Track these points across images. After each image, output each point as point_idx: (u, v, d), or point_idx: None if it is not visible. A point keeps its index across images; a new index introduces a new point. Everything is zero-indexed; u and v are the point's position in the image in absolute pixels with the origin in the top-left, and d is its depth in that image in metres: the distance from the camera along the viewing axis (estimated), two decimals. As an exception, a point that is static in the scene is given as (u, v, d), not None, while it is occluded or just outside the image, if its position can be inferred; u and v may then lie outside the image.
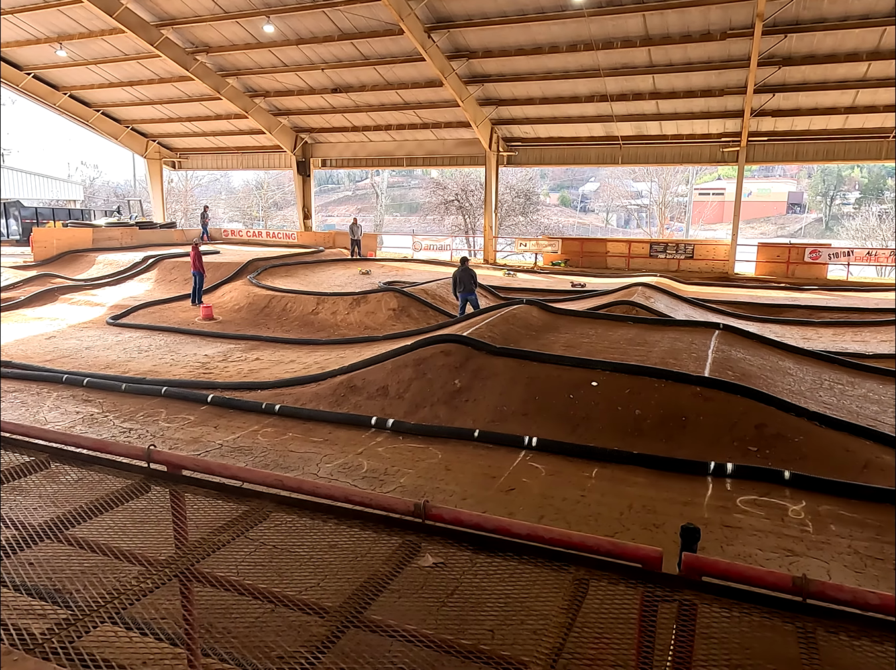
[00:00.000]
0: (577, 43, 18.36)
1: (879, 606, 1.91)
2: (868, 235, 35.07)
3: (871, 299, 17.22)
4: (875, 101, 18.81)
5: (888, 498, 5.30)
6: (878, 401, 8.35)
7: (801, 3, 15.59)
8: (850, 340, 13.03)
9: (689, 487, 5.68)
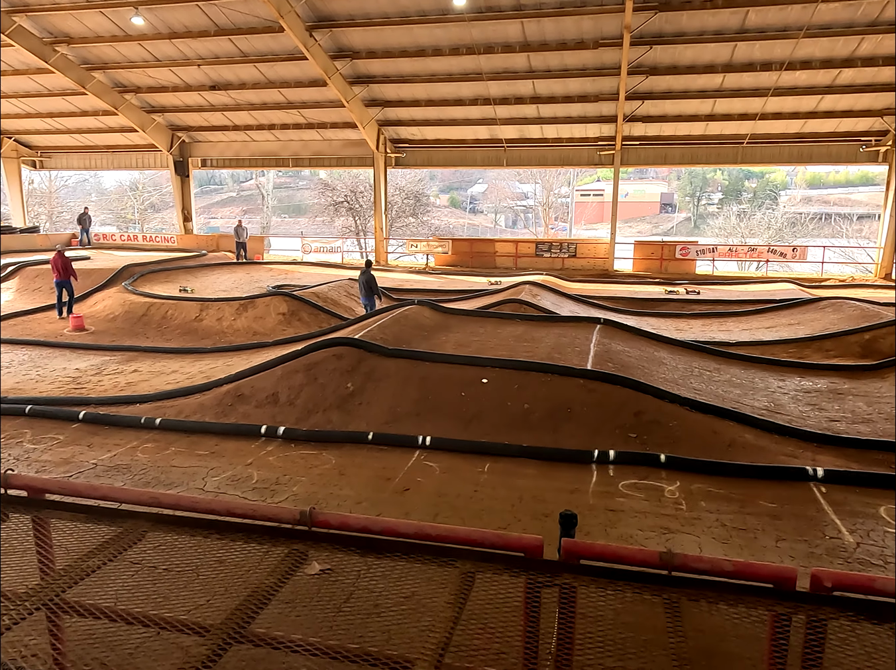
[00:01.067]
0: (460, 47, 18.70)
1: (733, 572, 2.09)
2: (729, 233, 38.17)
3: (734, 291, 18.76)
4: (730, 110, 20.53)
5: (749, 473, 5.80)
6: (740, 385, 9.12)
7: (664, 17, 16.72)
8: (716, 330, 14.13)
9: (575, 475, 5.95)
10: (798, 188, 62.36)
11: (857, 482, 5.63)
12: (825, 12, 15.91)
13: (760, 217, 40.01)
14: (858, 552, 4.54)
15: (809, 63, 18.01)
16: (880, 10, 15.81)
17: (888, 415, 8.01)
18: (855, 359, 10.83)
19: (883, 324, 11.69)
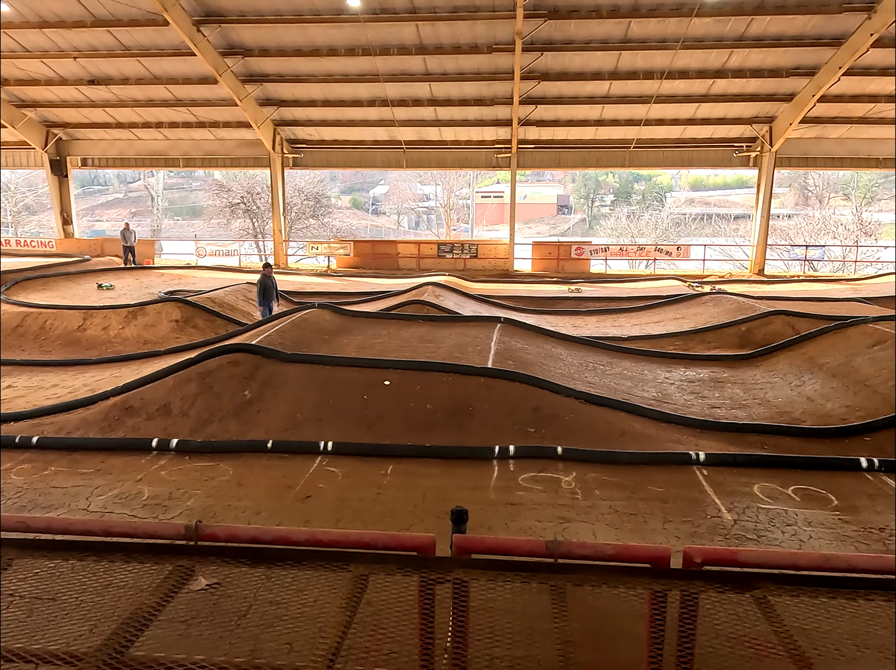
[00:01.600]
0: (356, 47, 18.57)
1: (614, 555, 2.20)
2: (621, 233, 40.10)
3: (626, 289, 19.70)
4: (617, 116, 21.58)
5: (639, 460, 6.12)
6: (631, 377, 9.61)
7: (553, 25, 17.34)
8: (610, 326, 14.79)
9: (477, 472, 6.05)
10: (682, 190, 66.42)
11: (734, 464, 6.07)
12: (698, 26, 17.05)
13: (648, 218, 42.32)
14: (736, 528, 4.90)
15: (686, 73, 19.23)
16: (746, 26, 17.13)
17: (762, 400, 8.70)
18: (733, 349, 11.66)
19: (757, 316, 12.67)
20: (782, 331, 11.92)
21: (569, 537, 4.74)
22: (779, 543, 4.61)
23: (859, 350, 9.33)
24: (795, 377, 9.33)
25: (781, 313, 12.53)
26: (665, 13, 16.69)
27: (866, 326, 10.09)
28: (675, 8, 16.55)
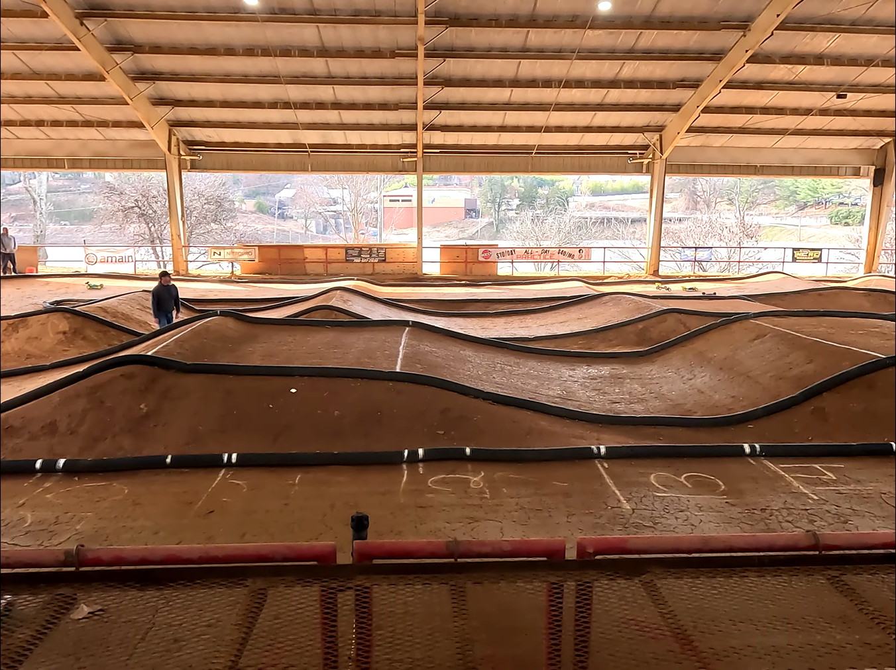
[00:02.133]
0: (255, 47, 18.10)
1: (512, 551, 2.25)
2: (526, 236, 41.20)
3: (531, 290, 20.24)
4: (519, 122, 22.17)
5: (544, 456, 6.30)
6: (538, 377, 9.88)
7: (454, 32, 17.60)
8: (517, 327, 15.14)
9: (387, 477, 6.03)
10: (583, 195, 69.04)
11: (632, 455, 6.37)
12: (592, 38, 17.81)
13: (552, 221, 43.73)
14: (634, 517, 5.13)
15: (582, 82, 20.04)
16: (635, 39, 18.05)
17: (658, 394, 9.17)
18: (632, 346, 12.23)
19: (652, 314, 13.36)
20: (675, 328, 12.62)
21: (477, 536, 4.81)
22: (672, 529, 4.88)
23: (742, 344, 10.03)
24: (687, 371, 9.91)
25: (674, 311, 13.27)
26: (561, 24, 17.32)
27: (748, 322, 10.86)
28: (569, 20, 17.20)
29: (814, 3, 16.42)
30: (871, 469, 6.19)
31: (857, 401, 7.45)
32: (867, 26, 17.49)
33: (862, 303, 17.24)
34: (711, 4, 16.79)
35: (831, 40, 18.16)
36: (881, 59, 18.81)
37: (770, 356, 9.25)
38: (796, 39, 18.14)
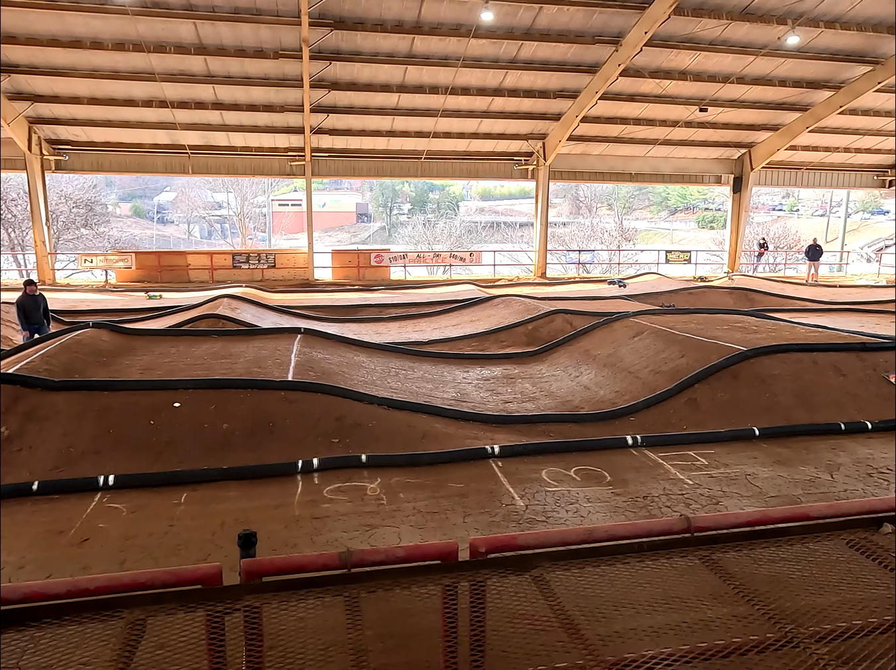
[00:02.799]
0: (125, 42, 17.05)
1: (406, 557, 2.25)
2: (418, 240, 41.50)
3: (425, 294, 20.41)
4: (408, 128, 22.30)
5: (440, 459, 6.36)
6: (432, 380, 9.96)
7: (340, 35, 17.43)
8: (412, 331, 15.19)
9: (281, 490, 5.85)
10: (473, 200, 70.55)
11: (524, 453, 6.56)
12: (476, 47, 18.23)
13: (443, 226, 44.32)
14: (527, 513, 5.29)
15: (468, 90, 20.46)
16: (517, 49, 18.67)
17: (548, 392, 9.50)
18: (522, 346, 12.61)
19: (541, 315, 13.84)
20: (563, 327, 13.15)
21: (375, 543, 4.77)
22: (563, 521, 5.07)
23: (623, 341, 10.61)
24: (574, 369, 10.35)
25: (561, 312, 13.82)
26: (445, 32, 17.61)
27: (628, 320, 11.50)
28: (454, 28, 17.52)
29: (677, 23, 17.69)
30: (737, 453, 6.74)
31: (724, 391, 8.09)
32: (723, 46, 19.07)
33: (726, 301, 18.76)
34: (586, 20, 17.68)
35: (693, 58, 19.64)
36: (736, 76, 20.58)
37: (648, 352, 9.85)
38: (663, 56, 19.47)
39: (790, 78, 21.22)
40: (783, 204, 62.75)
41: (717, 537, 2.40)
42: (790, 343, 9.09)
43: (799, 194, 59.31)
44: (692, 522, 2.39)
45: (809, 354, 8.75)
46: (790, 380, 8.28)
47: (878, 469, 6.27)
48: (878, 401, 8.09)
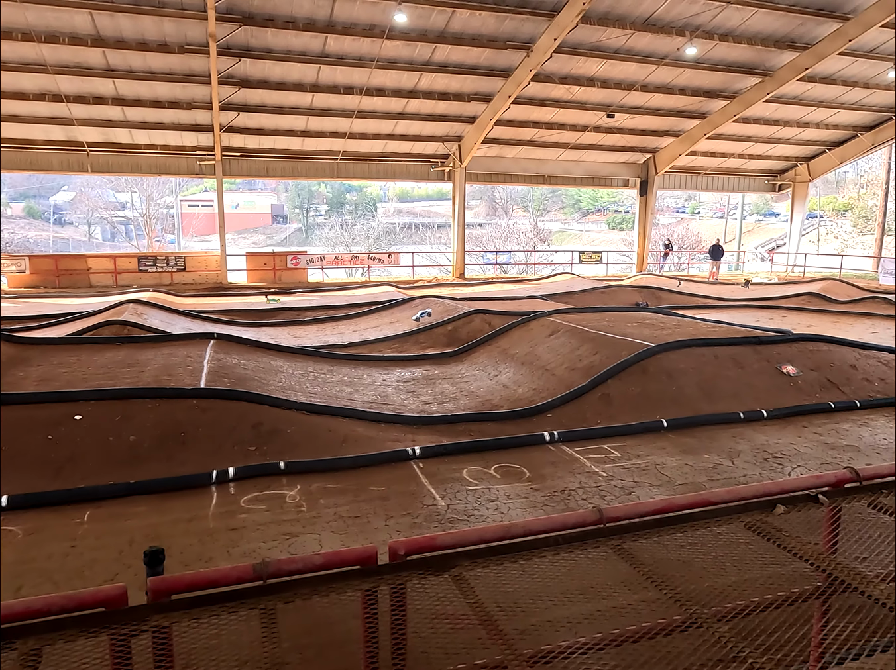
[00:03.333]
0: (13, 30, 15.91)
1: (324, 564, 2.21)
2: (336, 242, 40.98)
3: (343, 296, 20.17)
4: (322, 128, 21.99)
5: (361, 463, 6.30)
6: (352, 383, 9.85)
7: (249, 32, 16.96)
8: (330, 334, 14.97)
9: (194, 502, 5.62)
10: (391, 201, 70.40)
11: (445, 453, 6.60)
12: (390, 48, 18.20)
13: (361, 227, 43.96)
14: (449, 513, 5.32)
15: (383, 91, 20.40)
16: (431, 52, 18.77)
17: (468, 392, 9.60)
18: (442, 347, 12.69)
19: (460, 315, 13.97)
20: (481, 327, 13.33)
21: (295, 551, 4.67)
22: (484, 519, 5.13)
23: (540, 340, 10.87)
24: (493, 368, 10.51)
25: (479, 312, 14.01)
26: (359, 32, 17.48)
27: (544, 319, 11.80)
28: (367, 28, 17.42)
29: (584, 32, 18.32)
30: (647, 444, 7.04)
31: (634, 386, 8.44)
32: (628, 54, 19.91)
33: (636, 299, 19.59)
34: (498, 25, 18.00)
35: (600, 65, 20.39)
36: (640, 84, 21.53)
37: (563, 350, 10.14)
38: (572, 63, 20.10)
39: (689, 87, 22.40)
40: (686, 206, 66.21)
41: (627, 526, 2.49)
42: (693, 338, 9.59)
43: (700, 197, 62.72)
44: (604, 513, 2.47)
45: (711, 348, 9.27)
46: (694, 373, 8.74)
47: (773, 454, 6.72)
48: (773, 391, 8.67)
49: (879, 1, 17.64)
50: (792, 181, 29.89)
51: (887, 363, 9.78)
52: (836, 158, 28.34)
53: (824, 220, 49.85)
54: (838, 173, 43.53)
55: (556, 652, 1.88)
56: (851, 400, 8.54)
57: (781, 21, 18.95)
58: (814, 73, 21.21)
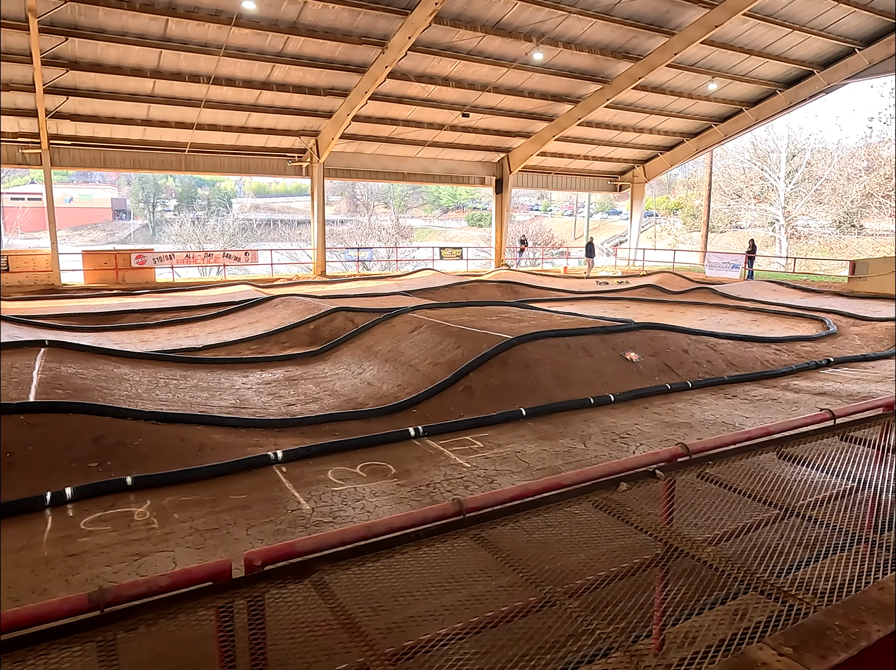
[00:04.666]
0: None
1: (172, 584, 2.06)
2: (187, 239, 38.65)
3: (197, 296, 19.08)
4: (166, 117, 20.61)
5: (219, 471, 5.98)
6: (208, 388, 9.34)
7: (77, 9, 15.49)
8: (183, 337, 14.11)
9: (24, 530, 5.05)
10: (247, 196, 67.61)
11: (309, 455, 6.44)
12: (239, 36, 17.41)
13: (215, 223, 41.78)
14: (314, 516, 5.20)
15: (233, 81, 19.48)
16: (283, 43, 18.19)
17: (332, 392, 9.45)
18: (305, 347, 12.38)
19: (322, 314, 13.71)
20: (344, 325, 13.17)
21: (145, 573, 4.34)
22: (351, 519, 5.08)
23: (403, 336, 10.93)
24: (357, 366, 10.42)
25: (342, 310, 13.84)
26: (204, 17, 16.54)
27: (407, 315, 11.88)
28: (213, 13, 16.54)
29: (438, 32, 18.62)
30: (508, 433, 7.32)
31: (495, 377, 8.73)
32: (480, 56, 20.51)
33: (495, 293, 20.32)
34: (352, 20, 17.81)
35: (454, 65, 20.83)
36: (492, 86, 22.28)
37: (427, 345, 10.27)
38: (427, 62, 20.37)
39: (538, 90, 23.53)
40: (539, 204, 69.64)
41: (486, 515, 2.56)
42: (548, 330, 10.10)
43: (551, 196, 66.25)
44: (464, 504, 2.52)
45: (564, 339, 9.82)
46: (549, 362, 9.21)
47: (620, 435, 7.25)
48: (619, 376, 9.36)
49: (699, 20, 19.55)
50: (631, 182, 32.38)
51: (713, 347, 10.89)
52: (667, 161, 31.07)
53: (659, 219, 54.60)
54: (669, 175, 47.84)
55: (418, 647, 1.89)
56: (685, 381, 9.42)
57: (617, 33, 20.42)
58: (646, 82, 23.08)
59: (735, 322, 15.35)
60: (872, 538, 2.55)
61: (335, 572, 2.23)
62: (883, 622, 1.87)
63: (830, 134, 66.37)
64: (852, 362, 11.14)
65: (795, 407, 8.28)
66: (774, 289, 21.50)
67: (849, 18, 21.20)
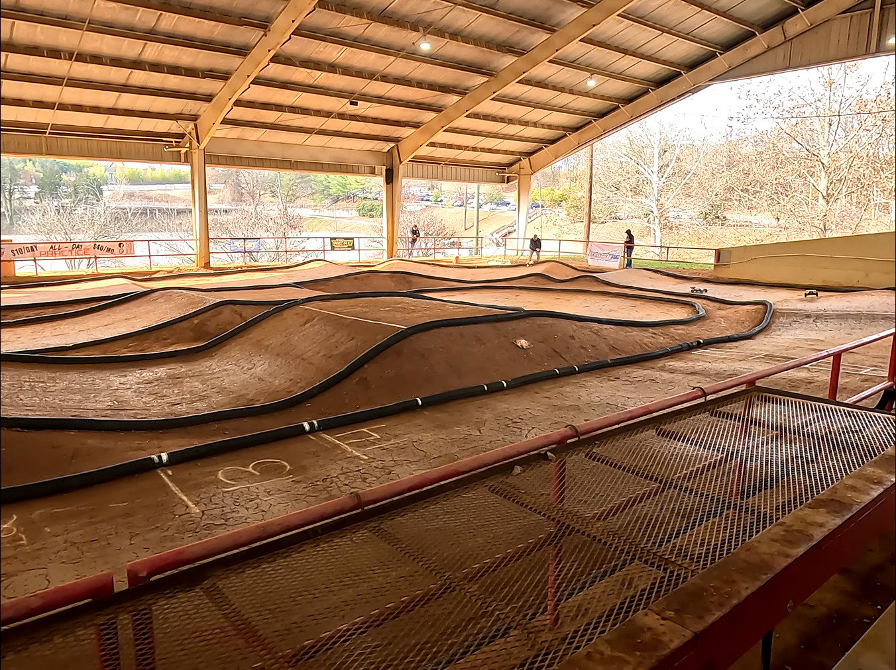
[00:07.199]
0: None
1: (45, 605, 1.90)
2: (51, 230, 35.58)
3: (65, 292, 17.68)
4: (22, 95, 18.87)
5: (96, 479, 5.58)
6: (81, 390, 8.67)
7: None
8: (50, 335, 13.02)
9: None
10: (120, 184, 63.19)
11: (197, 456, 6.15)
12: (105, 10, 16.15)
13: (83, 212, 38.74)
14: (205, 519, 4.97)
15: (100, 58, 18.07)
16: (155, 20, 17.07)
17: (220, 389, 9.06)
18: (189, 342, 11.79)
19: (207, 308, 13.10)
20: (232, 319, 12.66)
21: (14, 594, 3.98)
22: (244, 520, 4.90)
23: (295, 329, 10.66)
24: (247, 361, 10.06)
25: (229, 303, 13.28)
26: (63, -13, 15.21)
27: (298, 308, 11.59)
28: (74, -17, 15.24)
29: (323, 16, 18.16)
30: (405, 423, 7.34)
31: (390, 368, 8.72)
32: (367, 44, 20.24)
33: (388, 284, 20.26)
34: (231, -1, 17.02)
35: (340, 52, 20.43)
36: (380, 74, 22.08)
37: (319, 337, 10.07)
38: (312, 47, 19.83)
39: (426, 81, 23.57)
40: (430, 195, 70.05)
41: (384, 507, 2.55)
42: (442, 319, 10.20)
43: (442, 186, 66.81)
44: (362, 497, 2.50)
45: (457, 328, 9.96)
46: (444, 351, 9.32)
47: (513, 420, 7.47)
48: (511, 363, 9.63)
49: (577, 18, 20.34)
50: (517, 173, 33.27)
51: (597, 332, 11.46)
52: (551, 154, 32.19)
53: (545, 209, 56.56)
54: (553, 167, 49.63)
55: (318, 645, 1.85)
56: (572, 366, 9.85)
57: (502, 27, 20.82)
58: (530, 76, 23.74)
59: (616, 308, 16.22)
60: (739, 503, 2.79)
61: (228, 577, 2.14)
62: (750, 580, 2.05)
63: (697, 131, 71.62)
64: (719, 343, 12.12)
65: (671, 386, 8.88)
66: (650, 277, 22.93)
67: (710, 24, 22.83)
